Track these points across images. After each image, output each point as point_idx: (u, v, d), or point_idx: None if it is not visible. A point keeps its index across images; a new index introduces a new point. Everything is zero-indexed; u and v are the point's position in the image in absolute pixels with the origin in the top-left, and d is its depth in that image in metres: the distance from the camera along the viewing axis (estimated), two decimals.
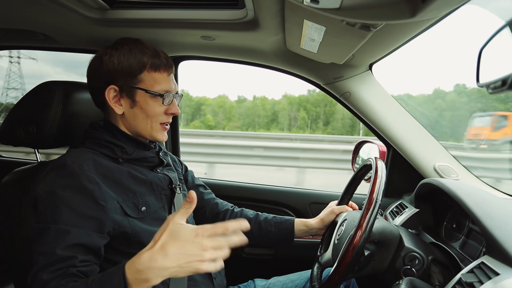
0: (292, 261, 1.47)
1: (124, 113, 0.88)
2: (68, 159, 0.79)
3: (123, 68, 0.85)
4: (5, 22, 1.13)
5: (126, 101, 0.87)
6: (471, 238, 0.90)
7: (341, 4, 0.60)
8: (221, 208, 1.15)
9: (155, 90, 0.87)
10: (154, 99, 0.87)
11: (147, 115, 0.88)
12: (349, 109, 1.39)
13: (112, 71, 0.86)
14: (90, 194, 0.76)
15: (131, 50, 0.86)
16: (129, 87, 0.86)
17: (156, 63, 0.87)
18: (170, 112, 0.91)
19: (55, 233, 0.71)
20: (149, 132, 0.90)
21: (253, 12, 0.93)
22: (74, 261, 0.70)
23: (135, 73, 0.86)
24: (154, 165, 0.94)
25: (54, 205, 0.73)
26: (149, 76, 0.87)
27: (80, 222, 0.74)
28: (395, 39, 0.98)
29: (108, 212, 0.78)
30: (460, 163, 1.30)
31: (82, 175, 0.76)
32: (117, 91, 0.87)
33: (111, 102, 0.87)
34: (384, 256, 0.84)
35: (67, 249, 0.70)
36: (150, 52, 0.87)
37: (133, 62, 0.86)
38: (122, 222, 0.80)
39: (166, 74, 0.89)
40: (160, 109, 0.89)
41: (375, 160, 0.89)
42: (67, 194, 0.74)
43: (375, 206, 0.76)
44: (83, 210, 0.74)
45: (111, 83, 0.86)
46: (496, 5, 0.78)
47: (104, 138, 0.86)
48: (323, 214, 1.09)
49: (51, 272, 0.68)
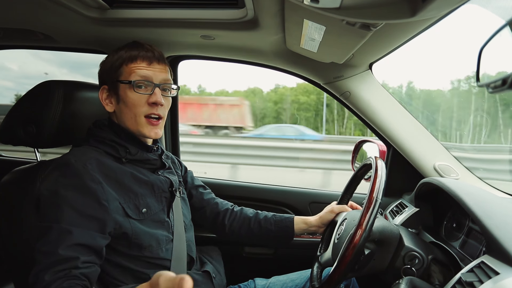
0: (292, 261, 1.47)
1: (115, 111, 0.91)
2: (72, 158, 0.79)
3: (107, 66, 0.90)
4: (5, 21, 1.13)
5: (113, 98, 0.90)
6: (471, 238, 0.90)
7: (341, 3, 0.60)
8: (221, 208, 1.15)
9: (131, 79, 0.87)
10: (132, 89, 0.87)
11: (129, 107, 0.88)
12: (349, 109, 1.39)
13: (102, 72, 0.92)
14: (93, 193, 0.76)
15: (119, 50, 0.90)
16: (113, 83, 0.89)
17: (133, 54, 0.88)
18: (151, 101, 0.88)
19: (58, 232, 0.71)
20: (136, 127, 0.89)
21: (253, 12, 0.93)
22: (76, 262, 0.70)
23: (115, 68, 0.89)
24: (156, 168, 0.95)
25: (57, 204, 0.74)
26: (127, 68, 0.88)
27: (83, 222, 0.74)
28: (395, 38, 0.98)
29: (110, 213, 0.78)
30: (460, 163, 1.30)
31: (85, 174, 0.77)
32: (107, 90, 0.91)
33: (104, 101, 0.91)
34: (384, 255, 0.84)
35: (69, 249, 0.70)
36: (132, 46, 0.90)
37: (115, 59, 0.89)
38: (123, 223, 0.80)
39: (145, 63, 0.89)
40: (140, 98, 0.87)
41: (375, 159, 0.89)
42: (70, 194, 0.74)
43: (375, 205, 0.76)
44: (86, 210, 0.75)
45: (103, 83, 0.92)
46: (496, 5, 0.78)
47: (109, 137, 0.87)
48: (323, 213, 1.10)
49: (53, 273, 0.68)
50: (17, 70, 16.27)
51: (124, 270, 0.84)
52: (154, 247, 0.86)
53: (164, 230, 0.90)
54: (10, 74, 14.33)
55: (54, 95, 0.94)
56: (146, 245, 0.84)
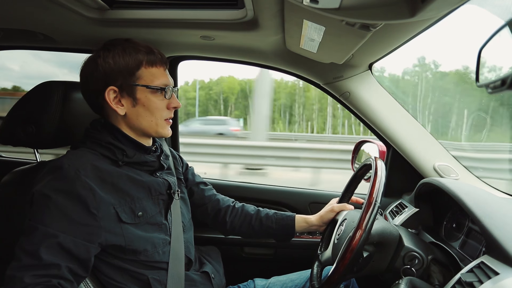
0: (292, 261, 1.47)
1: (127, 113, 0.87)
2: (66, 161, 0.78)
3: (120, 67, 0.84)
4: (5, 22, 1.13)
5: (127, 100, 0.86)
6: (470, 238, 0.90)
7: (341, 4, 0.60)
8: (222, 205, 1.15)
9: (154, 85, 0.87)
10: (155, 94, 0.87)
11: (150, 111, 0.87)
12: (348, 109, 1.39)
13: (109, 72, 0.84)
14: (83, 201, 0.75)
15: (125, 49, 0.86)
16: (129, 86, 0.85)
17: (151, 58, 0.87)
18: (172, 106, 0.91)
19: (42, 235, 0.71)
20: (155, 129, 0.89)
21: (252, 12, 0.93)
22: (57, 270, 0.69)
23: (132, 70, 0.85)
24: (154, 169, 0.93)
25: (46, 206, 0.73)
26: (147, 71, 0.87)
27: (70, 229, 0.73)
28: (395, 39, 0.98)
29: (99, 221, 0.76)
30: (460, 163, 1.30)
31: (77, 180, 0.75)
32: (117, 92, 0.85)
33: (112, 104, 0.85)
34: (383, 257, 0.84)
35: (52, 254, 0.70)
36: (144, 49, 0.88)
37: (129, 60, 0.85)
38: (114, 229, 0.79)
39: (162, 68, 0.90)
40: (162, 103, 0.89)
41: (375, 160, 0.89)
42: (60, 199, 0.73)
43: (374, 207, 0.76)
44: (74, 217, 0.74)
45: (109, 84, 0.84)
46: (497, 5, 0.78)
47: (105, 139, 0.85)
48: (323, 212, 1.10)
49: (32, 277, 0.67)
50: (18, 70, 16.28)
51: (121, 271, 0.83)
52: (150, 251, 0.85)
53: (161, 233, 0.89)
54: (11, 74, 14.34)
55: (54, 95, 0.93)
56: (141, 250, 0.84)
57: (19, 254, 0.70)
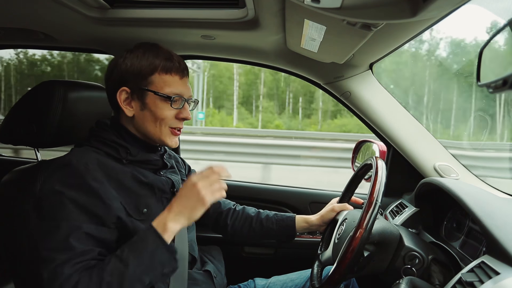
0: (292, 260, 1.47)
1: (134, 116, 0.87)
2: (73, 158, 0.79)
3: (135, 70, 0.85)
4: (5, 21, 1.13)
5: (136, 103, 0.87)
6: (471, 238, 0.90)
7: (342, 3, 0.60)
8: (223, 208, 1.16)
9: (164, 92, 0.86)
10: (163, 102, 0.86)
11: (156, 118, 0.87)
12: (349, 109, 1.39)
13: (124, 73, 0.85)
14: (96, 192, 0.76)
15: (145, 53, 0.86)
16: (139, 89, 0.85)
17: (167, 65, 0.86)
18: (181, 117, 0.89)
19: (68, 229, 0.72)
20: (158, 136, 0.89)
21: (253, 12, 0.93)
22: (93, 254, 0.72)
23: (145, 75, 0.85)
24: (158, 168, 0.94)
25: (62, 203, 0.73)
26: (160, 78, 0.86)
27: (89, 219, 0.74)
28: (396, 38, 0.98)
29: (114, 211, 0.78)
30: (460, 163, 1.30)
31: (87, 174, 0.77)
32: (129, 93, 0.86)
33: (122, 104, 0.86)
34: (383, 257, 0.84)
35: (83, 243, 0.71)
36: (164, 55, 0.86)
37: (144, 64, 0.85)
38: (125, 221, 0.80)
39: (178, 77, 0.88)
40: (169, 112, 0.87)
41: (375, 159, 0.89)
42: (73, 193, 0.74)
43: (375, 207, 0.76)
44: (91, 208, 0.75)
45: (123, 85, 0.86)
46: (497, 5, 0.78)
47: (110, 138, 0.86)
48: (324, 211, 1.10)
49: (72, 266, 0.68)
50: None
51: None
52: None
53: None
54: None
55: (55, 94, 0.93)
56: None
57: (48, 254, 0.70)
